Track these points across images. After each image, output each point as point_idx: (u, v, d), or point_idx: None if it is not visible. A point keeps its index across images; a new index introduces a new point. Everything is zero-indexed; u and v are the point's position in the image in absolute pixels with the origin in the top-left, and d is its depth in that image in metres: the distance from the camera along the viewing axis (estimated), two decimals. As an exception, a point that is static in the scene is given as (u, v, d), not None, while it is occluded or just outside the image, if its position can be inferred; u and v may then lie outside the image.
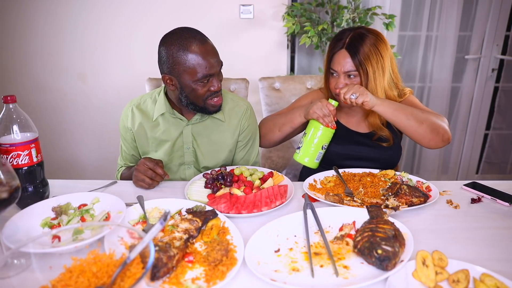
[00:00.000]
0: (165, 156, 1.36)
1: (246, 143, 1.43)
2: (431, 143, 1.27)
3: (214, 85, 1.20)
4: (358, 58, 1.27)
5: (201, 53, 1.15)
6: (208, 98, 1.23)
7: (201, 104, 1.24)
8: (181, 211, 0.99)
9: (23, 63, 2.58)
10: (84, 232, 0.87)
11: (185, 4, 2.46)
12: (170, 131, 1.34)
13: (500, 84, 2.88)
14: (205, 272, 0.74)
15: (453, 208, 1.06)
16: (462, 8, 2.61)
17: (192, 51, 1.15)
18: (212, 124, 1.36)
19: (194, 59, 1.15)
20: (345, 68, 1.29)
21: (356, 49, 1.27)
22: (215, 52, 1.19)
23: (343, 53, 1.30)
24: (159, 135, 1.35)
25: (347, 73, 1.30)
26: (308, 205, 0.97)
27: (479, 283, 0.69)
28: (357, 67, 1.28)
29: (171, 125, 1.34)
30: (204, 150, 1.37)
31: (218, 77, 1.22)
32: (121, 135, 1.43)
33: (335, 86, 1.33)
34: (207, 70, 1.16)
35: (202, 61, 1.15)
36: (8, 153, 0.98)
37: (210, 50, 1.18)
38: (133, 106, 1.38)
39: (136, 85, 2.57)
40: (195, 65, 1.15)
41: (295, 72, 2.78)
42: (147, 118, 1.36)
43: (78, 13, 2.48)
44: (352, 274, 0.74)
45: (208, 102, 1.23)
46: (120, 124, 1.42)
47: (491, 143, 3.05)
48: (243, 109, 1.40)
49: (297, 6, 2.36)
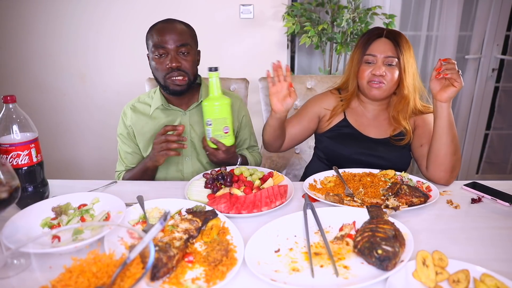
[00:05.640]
0: None
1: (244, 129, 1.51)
2: (446, 177, 1.20)
3: (169, 62, 1.28)
4: (398, 46, 1.28)
5: (161, 28, 1.29)
6: (167, 76, 1.30)
7: (162, 82, 1.33)
8: (181, 211, 0.99)
9: (23, 63, 2.58)
10: (84, 232, 0.87)
11: (185, 4, 2.46)
12: (168, 122, 1.39)
13: (500, 84, 2.88)
14: (205, 272, 0.74)
15: (454, 208, 1.06)
16: (462, 8, 2.61)
17: (156, 25, 1.31)
18: None
19: (153, 31, 1.30)
20: (387, 52, 1.28)
21: (396, 39, 1.29)
22: (174, 31, 1.28)
23: (384, 40, 1.30)
24: (157, 127, 1.39)
25: (387, 59, 1.29)
26: (308, 205, 0.97)
27: (479, 283, 0.68)
28: (398, 54, 1.28)
29: (169, 116, 1.40)
30: (201, 138, 1.40)
31: (176, 55, 1.29)
32: (119, 137, 1.45)
33: (372, 72, 1.30)
34: (159, 41, 1.27)
35: (157, 33, 1.28)
36: (8, 153, 0.98)
37: (169, 27, 1.28)
38: (130, 105, 1.45)
39: (136, 85, 2.56)
40: (152, 36, 1.29)
41: (295, 72, 2.78)
42: (144, 115, 1.42)
43: (78, 13, 2.48)
44: (352, 274, 0.74)
45: (168, 80, 1.31)
46: (118, 126, 1.45)
47: (491, 143, 3.05)
48: (235, 99, 1.49)
49: (297, 6, 2.36)
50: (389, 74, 1.29)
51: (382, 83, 1.30)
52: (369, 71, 1.31)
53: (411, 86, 1.32)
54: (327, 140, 1.43)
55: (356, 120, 1.43)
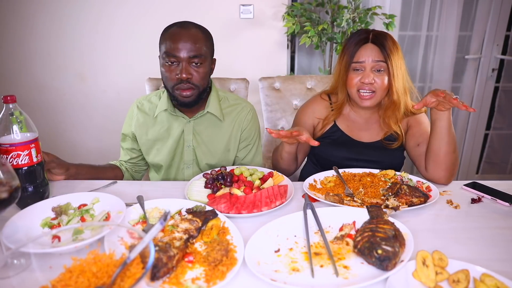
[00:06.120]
0: (167, 154, 1.37)
1: (247, 144, 1.43)
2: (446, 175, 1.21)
3: (179, 72, 1.20)
4: (385, 50, 1.25)
5: (175, 33, 1.20)
6: (175, 87, 1.24)
7: (171, 91, 1.26)
8: (181, 211, 0.99)
9: (23, 63, 2.58)
10: (84, 232, 0.87)
11: (185, 4, 2.46)
12: (172, 128, 1.36)
13: (500, 84, 2.88)
14: (205, 272, 0.74)
15: (453, 208, 1.06)
16: (462, 8, 2.61)
17: (171, 29, 1.22)
18: (211, 123, 1.37)
19: (167, 35, 1.22)
20: (374, 58, 1.26)
21: (382, 43, 1.26)
22: (188, 39, 1.19)
23: (370, 46, 1.27)
24: (161, 132, 1.37)
25: (375, 64, 1.26)
26: (308, 205, 0.97)
27: (479, 283, 0.69)
28: (385, 58, 1.26)
29: (173, 122, 1.36)
30: (203, 148, 1.38)
31: (188, 66, 1.21)
32: (122, 132, 1.44)
33: (360, 80, 1.28)
34: (170, 48, 1.19)
35: (170, 39, 1.20)
36: (8, 153, 0.98)
37: (183, 34, 1.20)
38: (138, 102, 1.42)
39: (135, 85, 2.57)
40: (165, 40, 1.21)
41: (295, 72, 2.78)
42: (148, 116, 1.38)
43: (77, 13, 2.48)
44: (352, 274, 0.74)
45: (176, 91, 1.25)
46: (124, 122, 1.44)
47: (491, 143, 3.05)
48: (243, 110, 1.41)
49: (297, 6, 2.36)
50: (379, 81, 1.28)
51: (373, 92, 1.29)
52: (358, 79, 1.29)
53: (401, 89, 1.31)
54: (319, 146, 1.42)
55: (348, 126, 1.42)
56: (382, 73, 1.28)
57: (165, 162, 1.39)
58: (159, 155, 1.38)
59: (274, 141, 1.98)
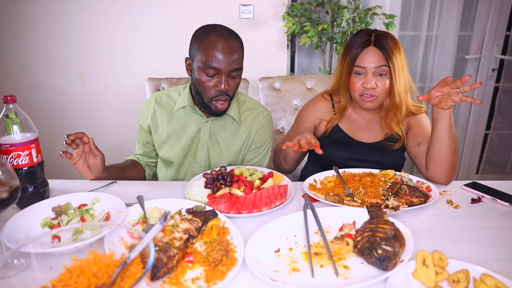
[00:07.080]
0: (180, 151, 1.37)
1: (257, 147, 1.43)
2: (446, 175, 1.21)
3: (219, 84, 1.19)
4: (387, 53, 1.24)
5: (217, 43, 1.16)
6: (213, 98, 1.23)
7: (206, 100, 1.25)
8: (181, 211, 0.99)
9: (23, 63, 2.58)
10: (84, 232, 0.87)
11: (185, 4, 2.46)
12: (188, 126, 1.36)
13: (500, 84, 2.88)
14: (205, 272, 0.74)
15: (453, 208, 1.06)
16: (462, 8, 2.61)
17: (210, 38, 1.17)
18: (228, 125, 1.37)
19: (207, 45, 1.17)
20: (376, 63, 1.25)
21: (384, 45, 1.25)
22: (231, 52, 1.17)
23: (372, 49, 1.26)
24: (177, 128, 1.36)
25: (377, 69, 1.26)
26: (308, 205, 0.97)
27: (479, 283, 0.69)
28: (388, 62, 1.25)
29: (191, 120, 1.36)
30: (217, 149, 1.38)
31: (228, 78, 1.20)
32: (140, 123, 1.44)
33: (363, 85, 1.28)
34: (213, 60, 1.16)
35: (212, 50, 1.16)
36: (8, 153, 0.98)
37: (227, 46, 1.17)
38: (156, 96, 1.42)
39: (136, 85, 2.57)
40: (206, 50, 1.17)
41: (295, 72, 2.78)
42: (165, 110, 1.38)
43: (78, 13, 2.48)
44: (352, 274, 0.74)
45: (213, 102, 1.24)
46: (142, 114, 1.44)
47: (491, 143, 3.05)
48: (260, 115, 1.41)
49: (297, 6, 2.36)
50: (381, 85, 1.27)
51: (375, 96, 1.29)
52: (360, 84, 1.29)
53: (403, 91, 1.31)
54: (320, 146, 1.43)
55: (349, 126, 1.43)
56: (384, 77, 1.28)
57: (177, 159, 1.39)
58: (172, 150, 1.38)
59: (274, 141, 1.98)
